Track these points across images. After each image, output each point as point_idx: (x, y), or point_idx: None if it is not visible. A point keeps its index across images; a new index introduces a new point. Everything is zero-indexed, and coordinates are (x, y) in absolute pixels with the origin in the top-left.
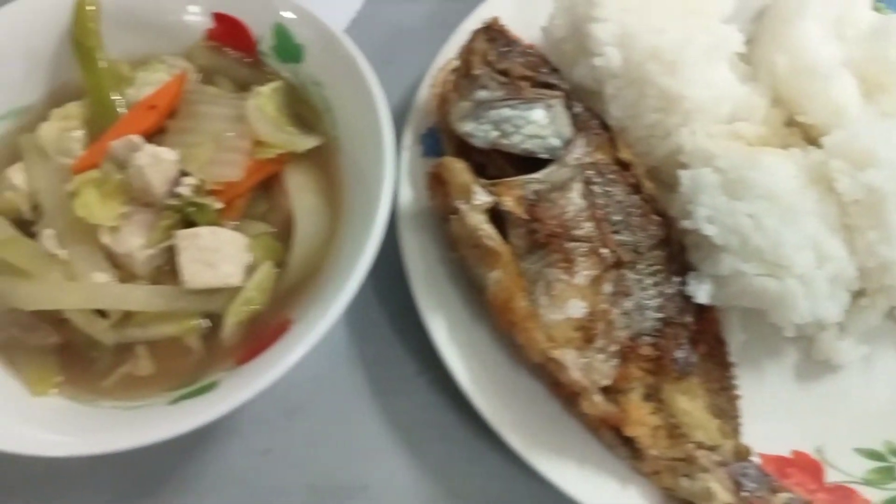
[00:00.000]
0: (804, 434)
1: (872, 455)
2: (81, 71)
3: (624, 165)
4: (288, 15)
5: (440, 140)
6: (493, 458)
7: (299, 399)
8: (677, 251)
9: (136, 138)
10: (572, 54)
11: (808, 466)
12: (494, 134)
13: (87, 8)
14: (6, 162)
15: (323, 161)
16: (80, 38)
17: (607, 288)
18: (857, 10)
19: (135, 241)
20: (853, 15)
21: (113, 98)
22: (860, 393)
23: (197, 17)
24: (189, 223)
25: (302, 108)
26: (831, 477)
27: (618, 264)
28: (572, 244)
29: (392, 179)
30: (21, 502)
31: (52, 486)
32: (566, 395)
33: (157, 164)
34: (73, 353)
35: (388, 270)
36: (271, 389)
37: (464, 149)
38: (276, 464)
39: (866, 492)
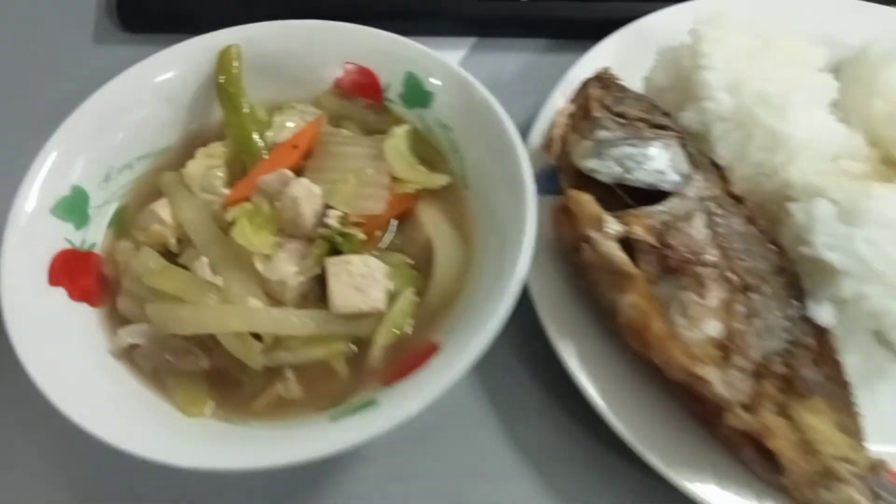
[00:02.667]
0: None
1: None
2: (225, 114)
3: (737, 199)
4: (419, 64)
5: (553, 178)
6: (624, 479)
7: (428, 428)
8: (793, 278)
9: (288, 172)
10: (676, 101)
11: None
12: (618, 170)
13: (232, 56)
14: (148, 197)
15: (451, 197)
16: (225, 85)
17: (739, 309)
18: None
19: (288, 269)
20: None
21: (255, 139)
22: None
23: (328, 67)
24: (335, 253)
25: (426, 150)
26: None
27: (745, 288)
28: (702, 269)
29: (535, 217)
30: None
31: None
32: (704, 413)
33: (309, 196)
34: (222, 378)
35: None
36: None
37: (580, 185)
38: (405, 488)
39: None
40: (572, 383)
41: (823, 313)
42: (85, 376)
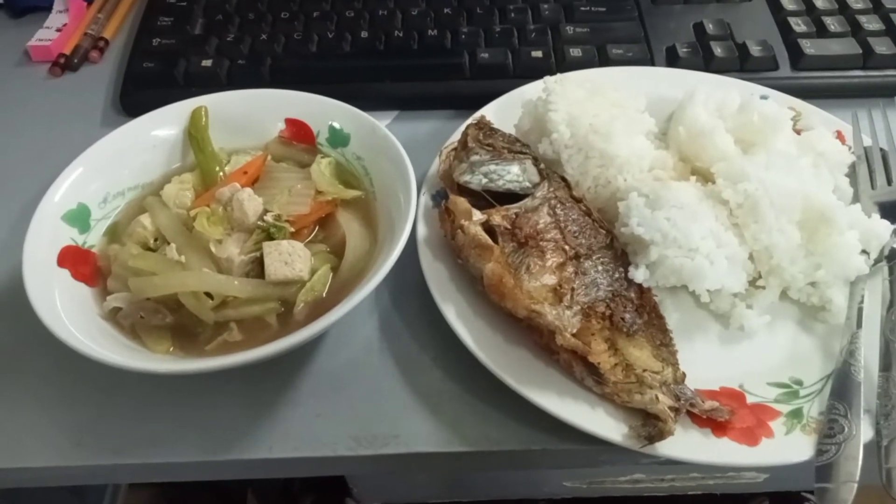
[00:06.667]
0: (728, 379)
1: (781, 385)
2: (194, 154)
3: (577, 200)
4: (340, 116)
5: (445, 195)
6: (492, 413)
7: (343, 380)
8: (620, 252)
9: (237, 185)
10: (536, 138)
11: (733, 394)
12: (484, 181)
13: (201, 113)
14: (134, 217)
15: (363, 206)
16: (194, 133)
17: (570, 269)
18: (730, 100)
19: (234, 250)
20: (728, 103)
21: (216, 170)
22: (768, 350)
23: (273, 122)
24: (271, 240)
25: (347, 176)
26: (750, 401)
27: (576, 256)
28: (544, 243)
29: (413, 216)
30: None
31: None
32: (545, 343)
33: (250, 199)
34: (183, 331)
35: (409, 289)
36: (321, 371)
37: (460, 195)
38: (326, 423)
39: (777, 406)
40: (454, 336)
41: (639, 274)
42: (82, 326)
